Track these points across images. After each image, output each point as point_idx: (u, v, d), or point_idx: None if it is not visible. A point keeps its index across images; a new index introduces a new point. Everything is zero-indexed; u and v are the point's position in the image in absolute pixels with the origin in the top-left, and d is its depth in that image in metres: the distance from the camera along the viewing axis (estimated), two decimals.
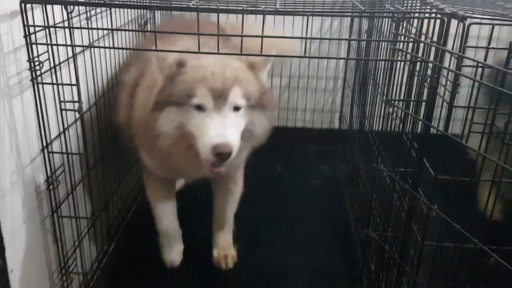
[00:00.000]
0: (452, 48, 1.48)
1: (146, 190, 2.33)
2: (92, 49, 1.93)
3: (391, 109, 1.73)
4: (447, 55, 1.50)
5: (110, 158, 2.31)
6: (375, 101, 2.38)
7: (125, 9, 2.37)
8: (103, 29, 2.10)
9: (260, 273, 2.44)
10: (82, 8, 1.90)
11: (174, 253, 2.35)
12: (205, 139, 1.67)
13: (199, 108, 1.70)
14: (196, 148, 1.73)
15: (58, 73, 1.75)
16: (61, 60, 1.75)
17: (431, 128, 1.58)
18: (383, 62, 2.04)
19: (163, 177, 2.24)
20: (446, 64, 1.52)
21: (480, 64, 1.42)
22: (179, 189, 2.86)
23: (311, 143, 3.75)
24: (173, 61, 1.72)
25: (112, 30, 2.19)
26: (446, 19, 1.40)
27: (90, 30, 1.90)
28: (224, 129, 1.66)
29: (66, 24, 1.66)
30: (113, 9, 2.17)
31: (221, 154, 1.63)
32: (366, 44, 2.72)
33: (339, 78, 3.62)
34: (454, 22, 1.41)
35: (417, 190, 1.63)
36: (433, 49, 1.48)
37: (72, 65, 1.78)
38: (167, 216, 2.32)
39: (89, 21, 1.96)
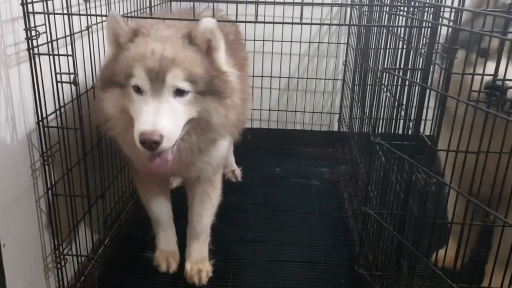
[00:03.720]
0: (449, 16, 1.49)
1: (138, 190, 2.32)
2: (90, 29, 1.93)
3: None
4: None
5: (108, 145, 2.30)
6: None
7: None
8: None
9: (261, 269, 2.37)
10: None
11: (169, 239, 2.33)
12: (135, 126, 1.54)
13: (138, 90, 1.58)
14: None
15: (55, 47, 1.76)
16: (58, 35, 1.76)
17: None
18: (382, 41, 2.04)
19: (147, 173, 2.13)
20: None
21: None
22: (177, 186, 2.87)
23: (310, 146, 3.76)
24: (129, 29, 1.61)
25: None
26: None
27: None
28: (155, 116, 1.52)
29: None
30: None
31: (145, 143, 1.50)
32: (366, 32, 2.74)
33: (338, 80, 3.63)
34: None
35: (414, 161, 1.61)
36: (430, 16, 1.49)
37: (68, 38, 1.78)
38: (161, 214, 2.31)
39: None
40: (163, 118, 1.53)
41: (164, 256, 2.33)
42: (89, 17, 1.85)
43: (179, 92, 1.58)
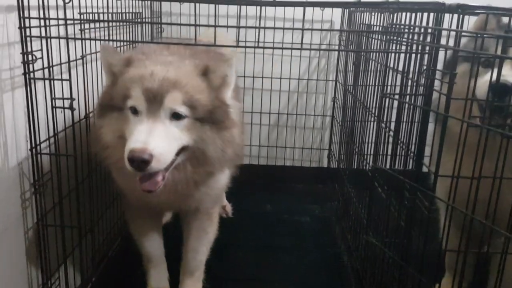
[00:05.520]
0: (447, 42, 1.51)
1: (129, 225, 2.22)
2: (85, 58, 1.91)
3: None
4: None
5: (98, 179, 2.24)
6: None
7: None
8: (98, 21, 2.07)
9: None
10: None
11: (161, 276, 2.23)
12: (126, 145, 1.47)
13: (135, 112, 1.53)
14: None
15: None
16: (55, 60, 1.73)
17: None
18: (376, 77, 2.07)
19: (141, 207, 2.06)
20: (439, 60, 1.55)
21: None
22: (166, 222, 2.79)
23: (300, 182, 3.72)
24: (122, 58, 1.61)
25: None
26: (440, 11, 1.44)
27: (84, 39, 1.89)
28: (147, 135, 1.46)
29: (61, 17, 1.65)
30: None
31: (134, 161, 1.42)
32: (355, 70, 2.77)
33: (327, 116, 3.65)
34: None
35: (417, 188, 1.59)
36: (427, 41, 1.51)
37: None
38: (153, 249, 2.20)
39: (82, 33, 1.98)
40: (156, 138, 1.47)
41: None
42: (86, 42, 1.84)
43: (176, 116, 1.53)
